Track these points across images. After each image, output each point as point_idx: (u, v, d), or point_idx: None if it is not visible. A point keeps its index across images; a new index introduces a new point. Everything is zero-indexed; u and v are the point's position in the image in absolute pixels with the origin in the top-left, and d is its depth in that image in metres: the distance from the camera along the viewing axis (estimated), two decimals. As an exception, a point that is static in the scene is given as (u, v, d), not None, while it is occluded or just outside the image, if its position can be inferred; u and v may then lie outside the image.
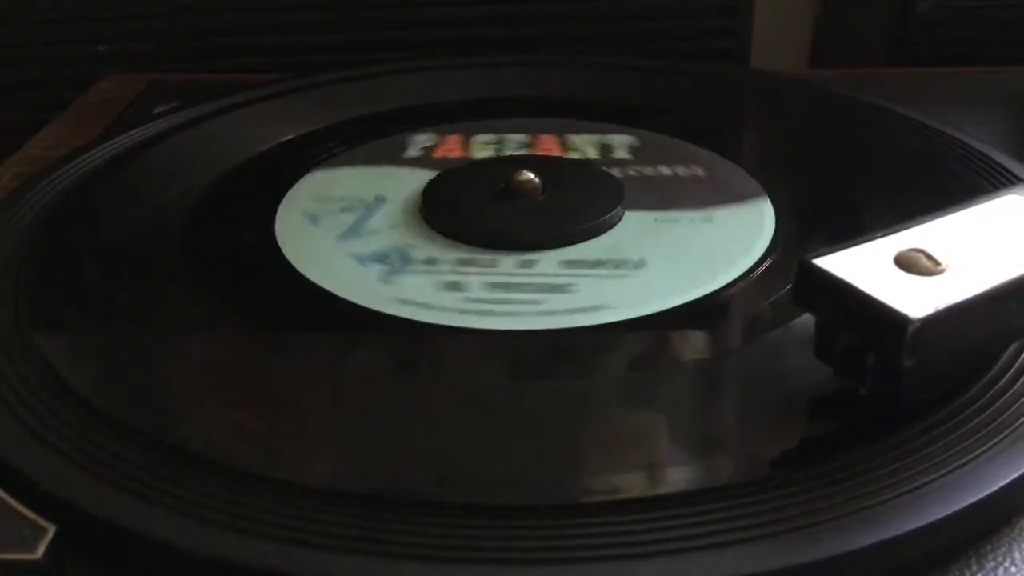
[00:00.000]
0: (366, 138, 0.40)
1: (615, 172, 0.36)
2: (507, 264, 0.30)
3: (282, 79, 0.45)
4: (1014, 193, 0.26)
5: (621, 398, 0.25)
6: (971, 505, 0.20)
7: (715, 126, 0.41)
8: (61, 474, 0.21)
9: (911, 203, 0.27)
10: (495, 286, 0.29)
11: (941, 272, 0.22)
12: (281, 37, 0.55)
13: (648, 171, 0.36)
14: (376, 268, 0.30)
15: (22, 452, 0.22)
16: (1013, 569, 0.20)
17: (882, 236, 0.23)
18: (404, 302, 0.28)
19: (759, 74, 0.49)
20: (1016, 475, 0.21)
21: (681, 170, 0.36)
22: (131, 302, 0.29)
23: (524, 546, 0.19)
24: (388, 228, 0.33)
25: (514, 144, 0.39)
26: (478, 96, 0.43)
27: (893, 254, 0.23)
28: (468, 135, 0.39)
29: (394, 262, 0.30)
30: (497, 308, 0.28)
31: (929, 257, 0.22)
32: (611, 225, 0.32)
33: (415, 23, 0.55)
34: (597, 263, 0.30)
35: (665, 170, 0.36)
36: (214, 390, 0.25)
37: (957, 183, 0.33)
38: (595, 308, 0.28)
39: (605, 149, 0.38)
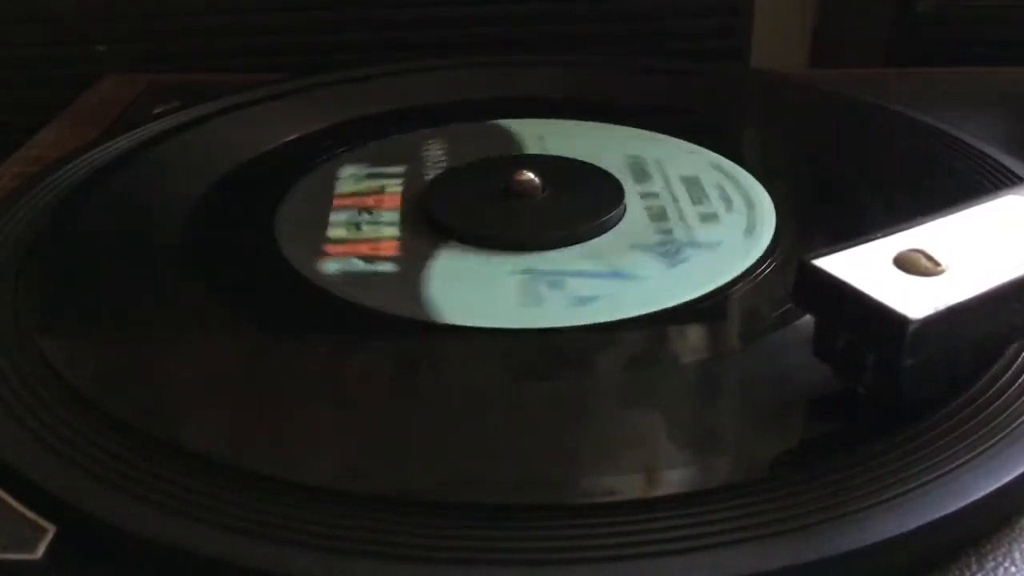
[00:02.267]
0: (366, 138, 0.40)
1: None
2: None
3: (282, 79, 0.45)
4: (1014, 193, 0.26)
5: (621, 398, 0.25)
6: (971, 505, 0.20)
7: (715, 126, 0.41)
8: (61, 474, 0.21)
9: (911, 203, 0.27)
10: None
11: (940, 272, 0.22)
12: (281, 37, 0.55)
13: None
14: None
15: (22, 452, 0.22)
16: (1013, 569, 0.20)
17: (881, 236, 0.23)
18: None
19: (759, 74, 0.49)
20: (1016, 475, 0.21)
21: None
22: (131, 302, 0.29)
23: (524, 546, 0.19)
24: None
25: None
26: (476, 96, 0.43)
27: (892, 254, 0.23)
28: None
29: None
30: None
31: (928, 257, 0.22)
32: (611, 225, 0.32)
33: (415, 23, 0.55)
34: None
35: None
36: (214, 390, 0.25)
37: (957, 183, 0.33)
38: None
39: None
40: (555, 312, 0.28)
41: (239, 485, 0.21)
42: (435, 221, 0.32)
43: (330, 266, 0.30)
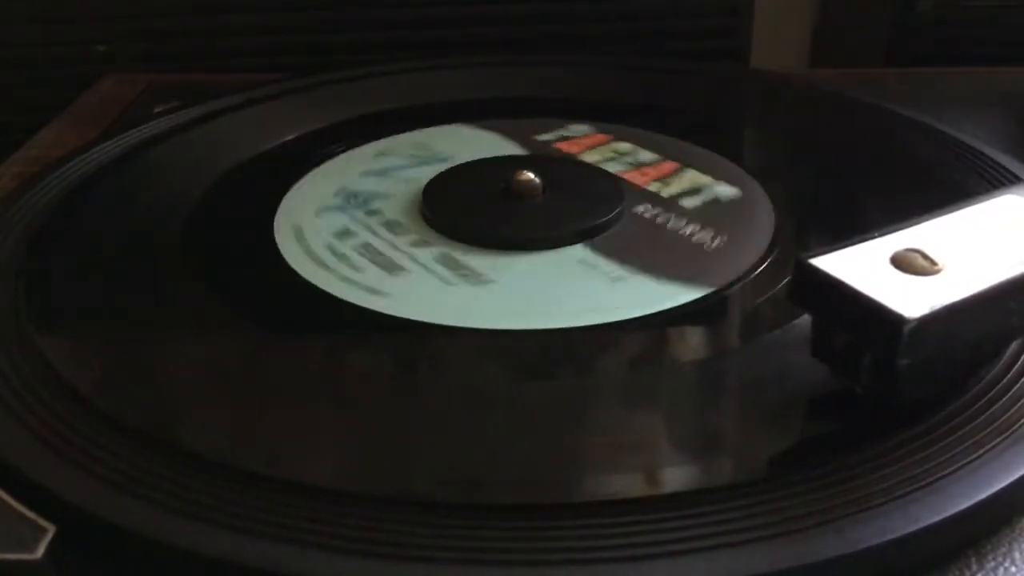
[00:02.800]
0: (366, 138, 0.40)
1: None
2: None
3: (282, 79, 0.45)
4: (1011, 193, 0.26)
5: (621, 398, 0.25)
6: (971, 505, 0.20)
7: (715, 126, 0.41)
8: (61, 474, 0.21)
9: (911, 203, 0.27)
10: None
11: (937, 272, 0.22)
12: (281, 37, 0.55)
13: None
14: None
15: (22, 452, 0.22)
16: (1013, 569, 0.20)
17: (879, 236, 0.23)
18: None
19: (759, 74, 0.49)
20: (1017, 475, 0.21)
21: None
22: (131, 302, 0.29)
23: (525, 547, 0.19)
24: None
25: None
26: (477, 96, 0.43)
27: (890, 254, 0.23)
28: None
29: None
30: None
31: (925, 257, 0.22)
32: (611, 225, 0.32)
33: (415, 23, 0.55)
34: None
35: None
36: (214, 390, 0.25)
37: (956, 183, 0.33)
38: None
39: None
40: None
41: (239, 485, 0.21)
42: (434, 220, 0.33)
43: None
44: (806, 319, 0.24)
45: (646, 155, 0.37)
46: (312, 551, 0.19)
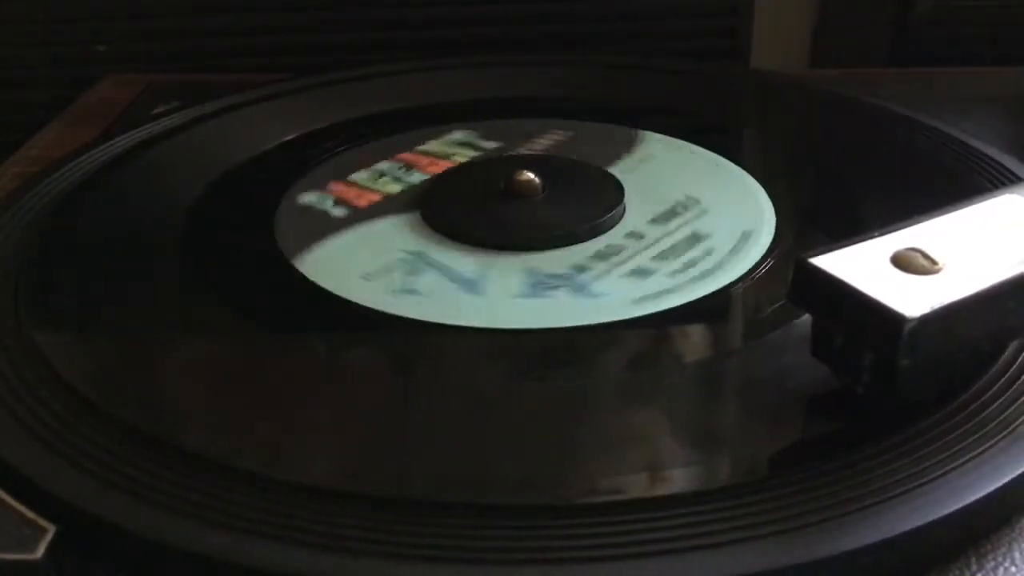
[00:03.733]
0: (366, 138, 0.40)
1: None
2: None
3: (282, 79, 0.45)
4: (1011, 192, 0.26)
5: (621, 398, 0.25)
6: (971, 505, 0.20)
7: (715, 126, 0.41)
8: (61, 474, 0.21)
9: (911, 203, 0.27)
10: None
11: (938, 271, 0.22)
12: (281, 37, 0.55)
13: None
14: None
15: (22, 452, 0.22)
16: (1013, 569, 0.20)
17: (879, 235, 0.23)
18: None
19: (759, 74, 0.49)
20: (1016, 475, 0.21)
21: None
22: (131, 302, 0.29)
23: (525, 546, 0.19)
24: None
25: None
26: (477, 96, 0.43)
27: (890, 253, 0.23)
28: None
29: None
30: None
31: (926, 256, 0.22)
32: (612, 224, 0.32)
33: (415, 23, 0.55)
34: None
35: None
36: (214, 390, 0.25)
37: (957, 183, 0.33)
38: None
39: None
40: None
41: (239, 485, 0.21)
42: (434, 220, 0.33)
43: (305, 198, 0.30)
44: (806, 319, 0.24)
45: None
46: (312, 551, 0.19)
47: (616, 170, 0.36)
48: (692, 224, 0.32)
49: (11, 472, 0.21)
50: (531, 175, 0.33)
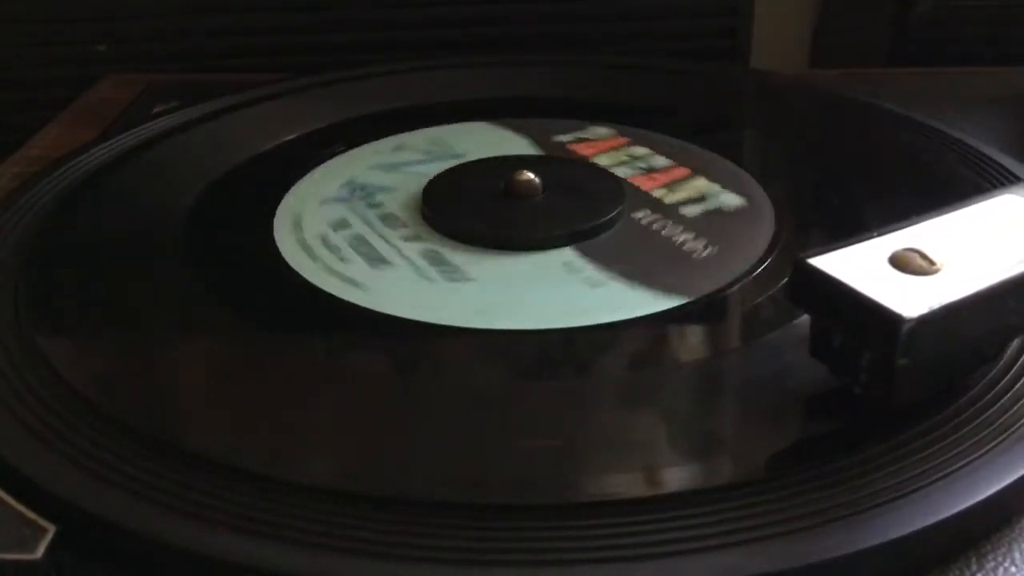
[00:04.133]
0: (366, 138, 0.40)
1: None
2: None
3: (282, 79, 0.45)
4: (1010, 192, 0.26)
5: (621, 398, 0.25)
6: (971, 505, 0.20)
7: (715, 126, 0.41)
8: (61, 474, 0.21)
9: (911, 203, 0.27)
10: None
11: (936, 271, 0.22)
12: (281, 37, 0.55)
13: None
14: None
15: (22, 452, 0.22)
16: (1013, 569, 0.20)
17: (877, 235, 0.23)
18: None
19: (759, 74, 0.49)
20: (1017, 475, 0.21)
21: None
22: (131, 302, 0.29)
23: (524, 547, 0.19)
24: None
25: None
26: (477, 96, 0.43)
27: (888, 253, 0.23)
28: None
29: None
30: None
31: (924, 256, 0.22)
32: (612, 224, 0.32)
33: (415, 23, 0.55)
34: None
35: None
36: (213, 390, 0.26)
37: (957, 183, 0.33)
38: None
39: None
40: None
41: (238, 485, 0.21)
42: (434, 220, 0.33)
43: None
44: (805, 319, 0.24)
45: (659, 160, 0.37)
46: (312, 551, 0.19)
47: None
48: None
49: (11, 472, 0.21)
50: (531, 175, 0.33)
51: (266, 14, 0.55)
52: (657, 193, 0.35)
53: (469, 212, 0.33)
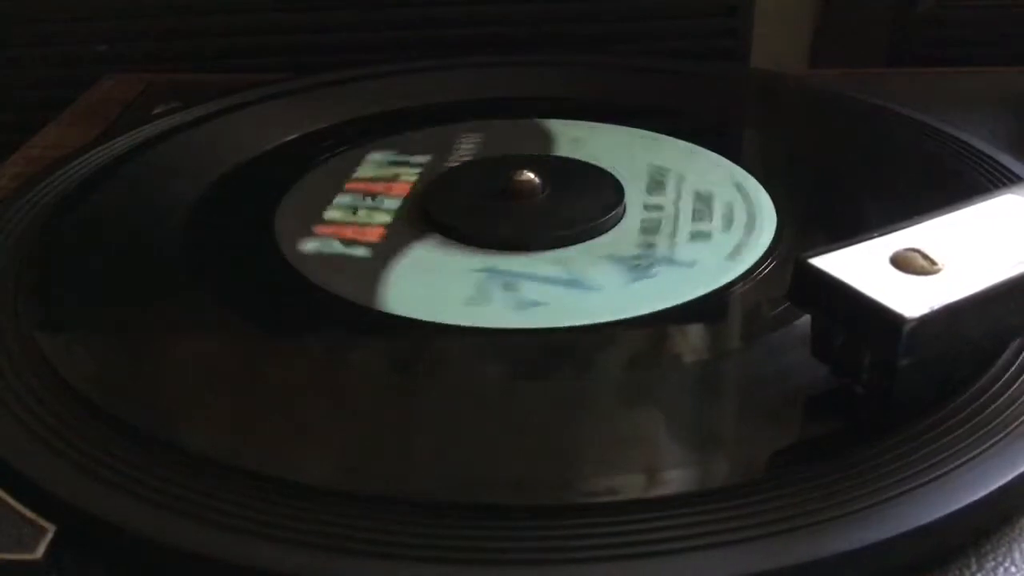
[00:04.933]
0: (366, 138, 0.40)
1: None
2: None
3: (282, 79, 0.45)
4: (1011, 192, 0.26)
5: (620, 398, 0.25)
6: (971, 505, 0.20)
7: (715, 126, 0.41)
8: (61, 474, 0.21)
9: (911, 203, 0.27)
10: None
11: (937, 271, 0.22)
12: (281, 37, 0.55)
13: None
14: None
15: (22, 452, 0.22)
16: (1013, 569, 0.20)
17: (878, 235, 0.23)
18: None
19: (759, 74, 0.49)
20: (1016, 474, 0.21)
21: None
22: (131, 302, 0.29)
23: (524, 546, 0.19)
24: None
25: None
26: (477, 96, 0.43)
27: (889, 253, 0.23)
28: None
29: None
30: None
31: (925, 256, 0.22)
32: (612, 224, 0.32)
33: (415, 23, 0.55)
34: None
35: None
36: (214, 390, 0.25)
37: (957, 183, 0.33)
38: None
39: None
40: (498, 313, 0.28)
41: (239, 485, 0.21)
42: (427, 215, 0.33)
43: (309, 245, 0.30)
44: (806, 319, 0.24)
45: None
46: (312, 551, 0.19)
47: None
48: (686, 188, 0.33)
49: (11, 472, 0.21)
50: (531, 175, 0.33)
51: (266, 14, 0.55)
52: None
53: (469, 212, 0.33)
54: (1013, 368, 0.24)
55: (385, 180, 0.36)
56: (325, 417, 0.24)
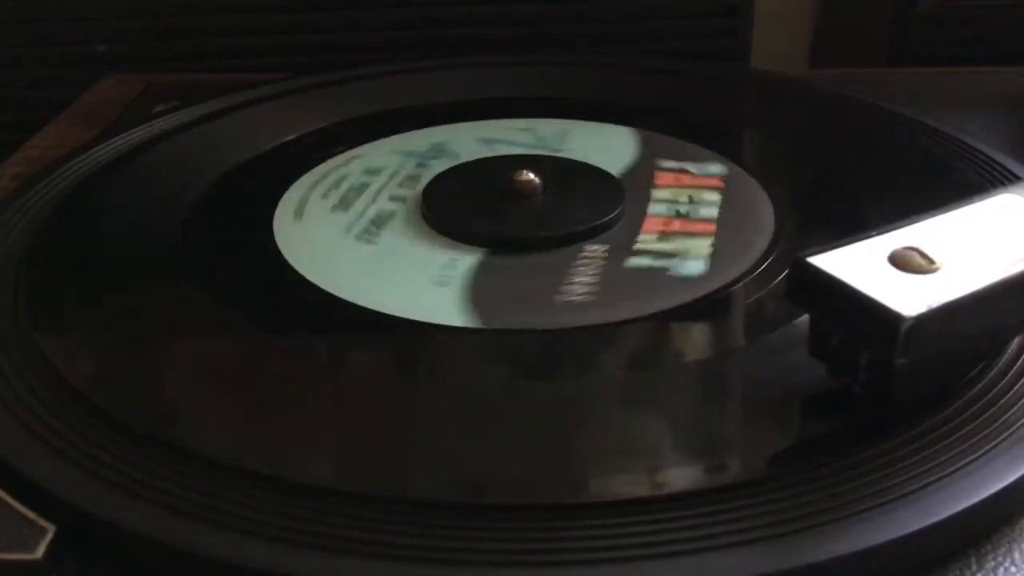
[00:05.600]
0: (366, 138, 0.40)
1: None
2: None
3: (282, 79, 0.45)
4: (1009, 192, 0.26)
5: (620, 398, 0.25)
6: (971, 505, 0.20)
7: (715, 126, 0.41)
8: (61, 474, 0.21)
9: (911, 202, 0.27)
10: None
11: (935, 270, 0.22)
12: (281, 37, 0.55)
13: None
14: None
15: (22, 452, 0.22)
16: (1013, 569, 0.20)
17: (876, 234, 0.23)
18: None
19: (759, 74, 0.49)
20: (1017, 475, 0.21)
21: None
22: (131, 302, 0.29)
23: (524, 547, 0.19)
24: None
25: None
26: (477, 96, 0.43)
27: (887, 252, 0.23)
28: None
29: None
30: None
31: (923, 255, 0.22)
32: (612, 225, 0.32)
33: (415, 23, 0.55)
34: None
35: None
36: (213, 390, 0.26)
37: (957, 182, 0.33)
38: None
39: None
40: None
41: (238, 485, 0.21)
42: (434, 219, 0.33)
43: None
44: (805, 319, 0.24)
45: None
46: (311, 551, 0.19)
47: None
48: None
49: (11, 472, 0.21)
50: (531, 175, 0.33)
51: (266, 14, 0.55)
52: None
53: (469, 212, 0.33)
54: (1014, 369, 0.24)
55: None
56: (326, 417, 0.24)
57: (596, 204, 0.33)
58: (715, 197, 0.34)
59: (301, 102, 0.42)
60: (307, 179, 0.36)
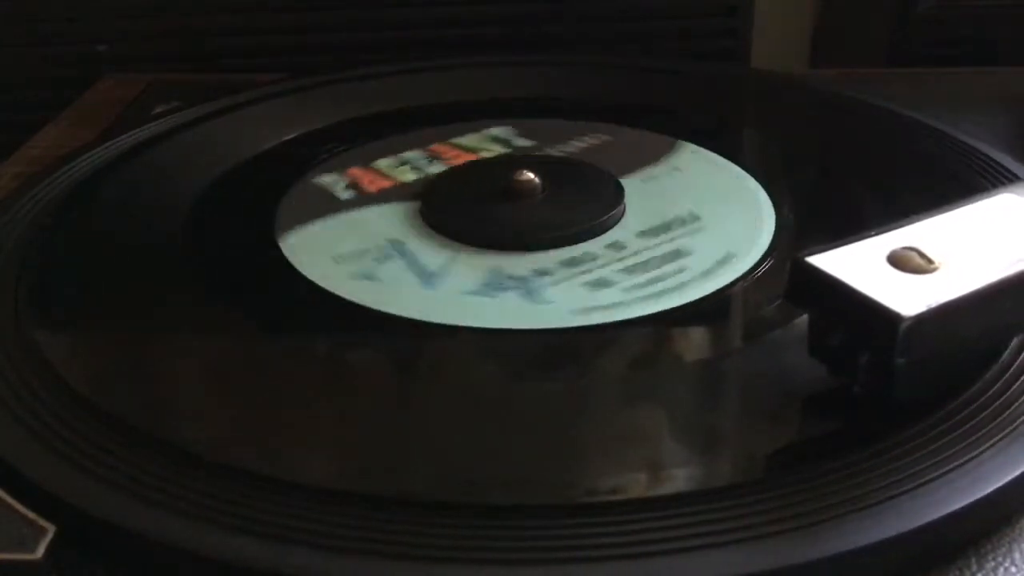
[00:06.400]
0: (366, 138, 0.40)
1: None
2: (476, 261, 0.30)
3: (282, 79, 0.45)
4: (1009, 192, 0.26)
5: (621, 398, 0.25)
6: (971, 505, 0.20)
7: (715, 126, 0.41)
8: (61, 474, 0.21)
9: (911, 202, 0.27)
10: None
11: (934, 270, 0.22)
12: (281, 37, 0.55)
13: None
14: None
15: (22, 452, 0.22)
16: (1013, 569, 0.20)
17: (876, 234, 0.23)
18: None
19: (759, 74, 0.49)
20: (1016, 474, 0.21)
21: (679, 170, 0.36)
22: (131, 302, 0.29)
23: (524, 546, 0.19)
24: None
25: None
26: (477, 96, 0.43)
27: (886, 252, 0.23)
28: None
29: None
30: (442, 302, 0.28)
31: (922, 255, 0.22)
32: (611, 224, 0.32)
33: (415, 23, 0.55)
34: (564, 268, 0.30)
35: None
36: (213, 390, 0.26)
37: (956, 182, 0.33)
38: (536, 313, 0.28)
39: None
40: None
41: (238, 485, 0.21)
42: (433, 219, 0.33)
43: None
44: (805, 319, 0.24)
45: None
46: (311, 551, 0.19)
47: (637, 177, 0.35)
48: (679, 241, 0.31)
49: (11, 472, 0.21)
50: (531, 175, 0.33)
51: (266, 14, 0.55)
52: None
53: (469, 212, 0.33)
54: (1013, 368, 0.24)
55: (465, 150, 0.37)
56: (326, 417, 0.24)
57: (596, 204, 0.33)
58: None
59: (301, 102, 0.42)
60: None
